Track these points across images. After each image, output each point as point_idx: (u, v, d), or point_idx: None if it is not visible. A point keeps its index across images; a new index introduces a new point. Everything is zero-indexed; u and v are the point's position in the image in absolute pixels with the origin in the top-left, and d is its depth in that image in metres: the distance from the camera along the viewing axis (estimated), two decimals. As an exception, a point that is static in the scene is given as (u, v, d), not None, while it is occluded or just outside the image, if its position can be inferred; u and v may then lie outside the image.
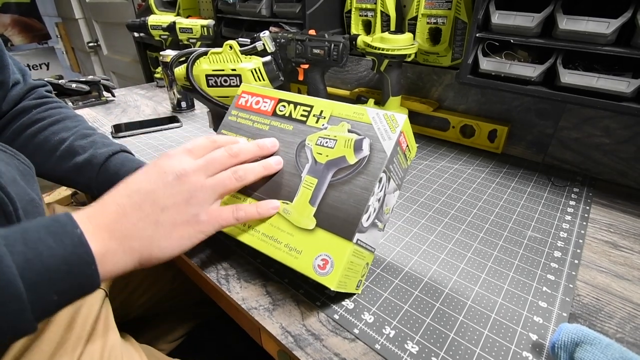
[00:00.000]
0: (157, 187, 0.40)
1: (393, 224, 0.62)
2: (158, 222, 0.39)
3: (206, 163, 0.43)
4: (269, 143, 0.49)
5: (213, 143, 0.46)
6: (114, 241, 0.37)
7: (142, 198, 0.39)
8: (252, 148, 0.48)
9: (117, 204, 0.39)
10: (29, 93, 0.69)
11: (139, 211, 0.39)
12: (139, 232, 0.38)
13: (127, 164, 0.62)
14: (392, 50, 0.83)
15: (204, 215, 0.42)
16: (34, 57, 3.09)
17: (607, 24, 0.57)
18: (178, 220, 0.41)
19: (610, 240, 0.60)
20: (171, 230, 0.40)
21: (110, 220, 0.38)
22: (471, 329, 0.44)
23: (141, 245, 0.39)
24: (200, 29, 1.26)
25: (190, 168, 0.42)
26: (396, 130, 0.43)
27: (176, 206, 0.40)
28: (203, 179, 0.43)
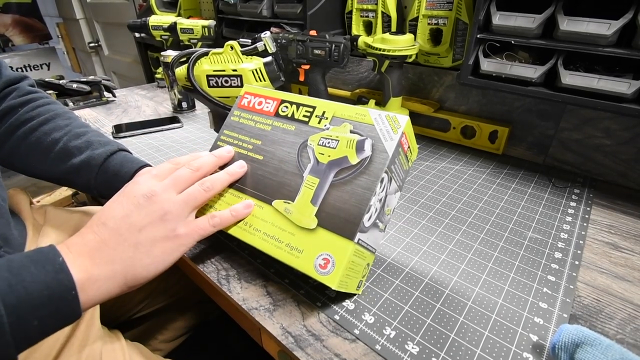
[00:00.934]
0: (130, 211, 0.42)
1: (394, 225, 0.63)
2: (138, 243, 0.41)
3: (173, 181, 0.46)
4: (225, 152, 0.52)
5: (176, 164, 0.49)
6: (96, 267, 0.38)
7: (118, 223, 0.41)
8: (211, 160, 0.50)
9: (95, 232, 0.40)
10: (10, 89, 0.66)
11: (116, 236, 0.40)
12: (119, 255, 0.40)
13: (126, 164, 0.62)
14: (393, 51, 0.83)
15: (181, 229, 0.44)
16: (34, 58, 3.10)
17: (608, 25, 0.57)
18: (157, 236, 0.42)
19: (610, 242, 0.60)
20: (151, 248, 0.41)
21: (91, 248, 0.39)
22: (472, 329, 0.44)
23: (124, 268, 0.40)
24: (201, 30, 1.26)
25: (158, 188, 0.44)
26: (398, 131, 0.43)
27: (152, 224, 0.42)
28: (173, 195, 0.45)
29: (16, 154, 0.63)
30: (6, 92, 0.66)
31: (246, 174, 0.51)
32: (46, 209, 0.67)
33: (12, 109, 0.64)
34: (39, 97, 0.68)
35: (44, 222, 0.64)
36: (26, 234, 0.60)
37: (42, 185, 2.19)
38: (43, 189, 1.40)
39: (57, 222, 0.65)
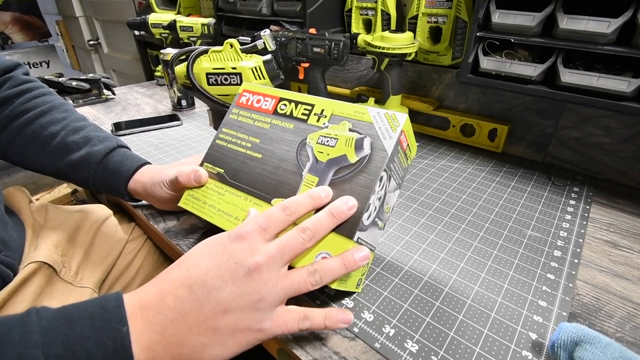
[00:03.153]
0: (225, 283, 0.34)
1: (393, 223, 0.63)
2: (217, 328, 0.34)
3: (280, 252, 0.37)
4: (344, 205, 0.41)
5: (289, 216, 0.40)
6: (162, 346, 0.32)
7: (205, 295, 0.34)
8: (326, 220, 0.40)
9: (177, 297, 0.34)
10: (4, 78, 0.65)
11: (198, 312, 0.33)
12: (192, 339, 0.33)
13: (126, 162, 0.62)
14: (392, 49, 0.83)
15: (267, 322, 0.36)
16: (34, 55, 3.09)
17: (608, 23, 0.57)
18: (240, 326, 0.35)
19: (610, 240, 0.60)
20: (228, 338, 0.35)
21: (166, 319, 0.33)
22: (471, 328, 0.44)
23: (192, 353, 0.33)
24: (201, 28, 1.26)
25: (264, 260, 0.36)
26: (397, 130, 0.43)
27: (241, 310, 0.34)
28: (276, 276, 0.37)
29: (11, 146, 0.62)
30: (0, 82, 0.65)
31: (245, 172, 0.51)
32: (46, 207, 0.67)
33: (7, 99, 0.63)
34: (34, 87, 0.67)
35: (44, 221, 0.64)
36: (25, 234, 0.60)
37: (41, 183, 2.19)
38: (42, 186, 1.40)
39: (57, 222, 0.65)
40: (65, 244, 0.62)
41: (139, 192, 0.61)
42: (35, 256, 0.56)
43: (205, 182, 0.54)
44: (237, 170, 0.52)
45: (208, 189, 0.53)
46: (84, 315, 0.31)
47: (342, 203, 0.41)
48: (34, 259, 0.55)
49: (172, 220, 0.64)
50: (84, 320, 0.31)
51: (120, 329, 0.31)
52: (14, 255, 0.54)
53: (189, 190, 0.54)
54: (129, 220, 0.79)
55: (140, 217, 0.67)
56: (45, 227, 0.63)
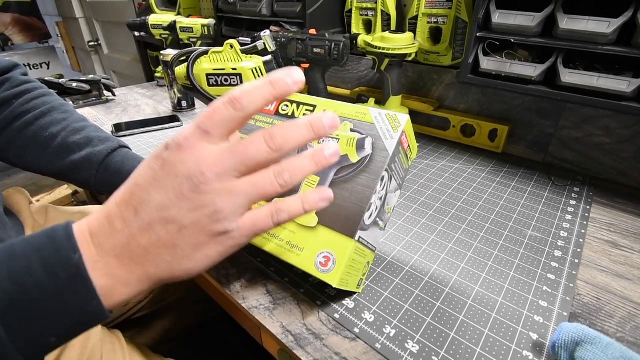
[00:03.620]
0: (170, 200, 0.30)
1: (394, 223, 0.63)
2: (175, 245, 0.31)
3: (235, 157, 0.30)
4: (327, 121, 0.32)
5: (239, 111, 0.31)
6: (124, 269, 0.31)
7: (152, 215, 0.31)
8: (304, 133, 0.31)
9: (124, 220, 0.31)
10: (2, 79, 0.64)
11: (149, 233, 0.31)
12: (153, 258, 0.31)
13: (128, 162, 0.62)
14: (392, 49, 0.83)
15: (234, 227, 0.32)
16: (34, 57, 3.09)
17: (608, 23, 0.57)
18: (201, 240, 0.32)
19: (610, 240, 0.60)
20: (193, 252, 0.32)
21: (117, 243, 0.31)
22: (472, 328, 0.44)
23: (158, 271, 0.32)
24: (201, 28, 1.26)
25: (210, 170, 0.30)
26: (398, 130, 0.43)
27: (197, 225, 0.31)
28: (231, 182, 0.31)
29: (11, 148, 0.62)
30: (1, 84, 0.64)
31: None
32: (47, 208, 0.67)
33: (6, 101, 0.63)
34: (34, 87, 0.67)
35: (45, 222, 0.64)
36: (24, 235, 0.60)
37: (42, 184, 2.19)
38: (43, 188, 1.40)
39: (57, 222, 0.65)
40: None
41: None
42: None
43: None
44: None
45: None
46: (29, 248, 0.30)
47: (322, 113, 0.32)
48: None
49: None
50: (29, 252, 0.29)
51: (71, 257, 0.29)
52: None
53: None
54: (130, 221, 0.79)
55: (140, 218, 0.67)
56: (45, 228, 0.63)
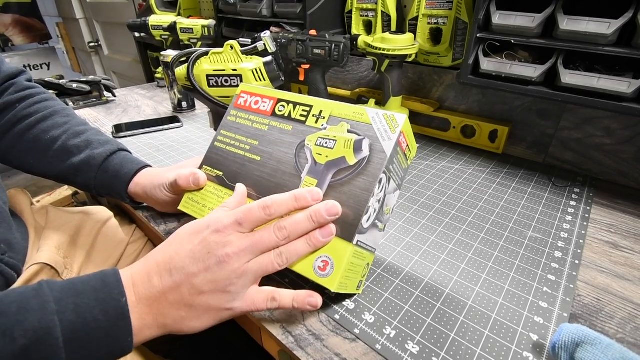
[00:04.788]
0: (199, 270, 0.39)
1: (393, 225, 0.62)
2: (192, 306, 0.40)
3: (252, 245, 0.41)
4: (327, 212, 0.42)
5: (268, 217, 0.42)
6: (151, 317, 0.39)
7: (183, 279, 0.39)
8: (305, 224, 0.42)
9: (161, 279, 0.40)
10: (7, 84, 0.66)
11: (177, 292, 0.39)
12: (173, 313, 0.40)
13: (126, 165, 0.62)
14: (393, 50, 0.83)
15: (238, 302, 0.41)
16: (34, 57, 3.10)
17: (608, 24, 0.57)
18: (213, 305, 0.40)
19: (610, 241, 0.59)
20: (203, 314, 0.41)
21: (152, 295, 0.39)
22: (472, 329, 0.44)
23: (173, 324, 0.40)
24: (201, 29, 1.26)
25: (234, 252, 0.40)
26: (396, 131, 0.43)
27: (213, 293, 0.40)
28: (245, 264, 0.41)
29: (13, 151, 0.63)
30: (4, 88, 0.65)
31: (244, 175, 0.51)
32: (47, 209, 0.67)
33: (10, 105, 0.64)
34: (37, 92, 0.67)
35: (45, 223, 0.64)
36: (28, 236, 0.61)
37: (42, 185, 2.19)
38: (43, 188, 1.40)
39: (58, 223, 0.65)
40: (67, 245, 0.62)
41: (139, 194, 0.61)
42: (38, 258, 0.56)
43: (204, 185, 0.54)
44: (236, 173, 0.51)
45: (207, 192, 0.53)
46: (88, 288, 0.37)
47: (324, 208, 0.42)
48: (37, 261, 0.55)
49: (173, 222, 0.64)
50: (89, 292, 0.36)
51: (120, 300, 0.37)
52: (18, 257, 0.54)
53: (188, 194, 0.54)
54: (130, 222, 0.79)
55: (141, 219, 0.67)
56: (46, 229, 0.63)
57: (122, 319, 0.37)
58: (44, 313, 0.34)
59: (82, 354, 0.35)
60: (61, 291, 0.36)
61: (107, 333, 0.36)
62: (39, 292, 0.35)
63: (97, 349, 0.35)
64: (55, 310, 0.34)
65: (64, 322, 0.34)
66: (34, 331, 0.33)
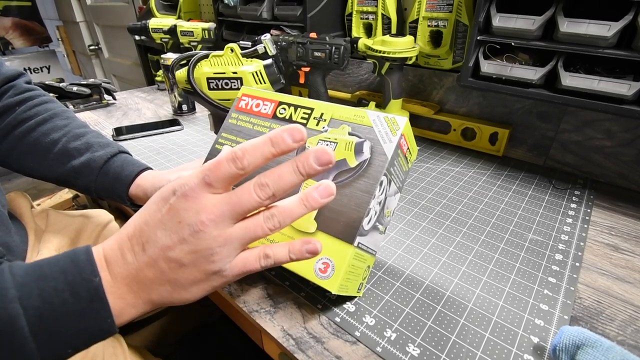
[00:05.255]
0: (173, 242, 0.35)
1: (394, 227, 0.62)
2: (176, 279, 0.36)
3: (230, 209, 0.34)
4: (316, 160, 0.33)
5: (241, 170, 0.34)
6: (132, 295, 0.36)
7: (158, 253, 0.35)
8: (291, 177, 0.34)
9: (135, 254, 0.36)
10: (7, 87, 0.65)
11: (154, 268, 0.35)
12: (156, 288, 0.36)
13: (127, 167, 0.62)
14: (393, 53, 0.83)
15: (227, 270, 0.37)
16: (35, 60, 3.10)
17: (608, 26, 0.57)
18: (198, 277, 0.36)
19: (611, 243, 0.59)
20: (191, 286, 0.37)
21: (128, 273, 0.35)
22: (472, 331, 0.43)
23: (160, 298, 0.37)
24: (202, 32, 1.27)
25: (209, 219, 0.34)
26: (397, 133, 0.43)
27: (195, 264, 0.35)
28: (227, 229, 0.35)
29: (13, 153, 0.62)
30: (3, 90, 0.65)
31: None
32: (48, 212, 0.67)
33: (9, 107, 0.64)
34: (36, 95, 0.67)
35: (46, 226, 0.64)
36: (27, 239, 0.60)
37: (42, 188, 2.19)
38: (43, 191, 1.40)
39: (58, 226, 0.65)
40: (67, 248, 0.62)
41: (140, 197, 0.61)
42: None
43: None
44: None
45: None
46: (56, 270, 0.33)
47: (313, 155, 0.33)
48: None
49: (173, 224, 0.64)
50: (56, 274, 0.33)
51: (92, 280, 0.33)
52: (17, 259, 0.54)
53: None
54: (130, 224, 0.79)
55: (141, 222, 0.67)
56: (47, 232, 0.63)
57: (97, 300, 0.33)
58: (3, 301, 0.31)
59: (55, 341, 0.32)
60: (24, 275, 0.33)
61: (80, 316, 0.33)
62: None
63: (72, 334, 0.33)
64: (16, 297, 0.31)
65: (29, 309, 0.31)
66: None
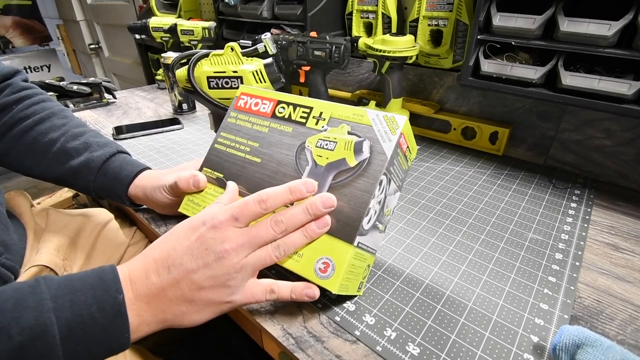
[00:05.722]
0: (198, 266, 0.40)
1: (394, 226, 0.62)
2: (193, 300, 0.40)
3: (250, 240, 0.41)
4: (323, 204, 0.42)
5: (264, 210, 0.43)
6: (150, 313, 0.39)
7: (181, 275, 0.40)
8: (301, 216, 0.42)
9: (159, 275, 0.40)
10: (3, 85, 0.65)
11: (176, 288, 0.39)
12: (173, 308, 0.40)
13: (126, 167, 0.62)
14: (393, 52, 0.83)
15: (238, 295, 0.42)
16: (35, 59, 3.10)
17: (609, 26, 0.57)
18: (213, 299, 0.41)
19: (611, 242, 0.59)
20: (203, 308, 0.41)
21: (150, 292, 0.39)
22: (472, 331, 0.43)
23: (173, 318, 0.40)
24: (202, 31, 1.27)
25: (232, 248, 0.40)
26: (396, 132, 0.43)
27: (213, 288, 0.40)
28: (243, 258, 0.41)
29: (11, 153, 0.62)
30: (0, 89, 0.65)
31: (245, 177, 0.51)
32: (48, 211, 0.67)
33: (6, 106, 0.63)
34: (33, 93, 0.67)
35: (46, 225, 0.64)
36: (26, 238, 0.60)
37: (42, 187, 2.18)
38: (43, 190, 1.40)
39: (58, 225, 0.65)
40: (67, 247, 0.62)
41: (139, 197, 0.61)
42: (37, 260, 0.56)
43: (204, 187, 0.53)
44: (237, 175, 0.51)
45: (207, 194, 0.53)
46: (85, 285, 0.37)
47: (319, 200, 0.42)
48: (36, 263, 0.55)
49: (174, 224, 0.64)
50: (86, 289, 0.36)
51: (117, 297, 0.37)
52: (15, 258, 0.54)
53: (188, 196, 0.54)
54: (130, 224, 0.79)
55: (141, 221, 0.67)
56: (46, 231, 0.63)
57: (119, 316, 0.37)
58: (40, 310, 0.34)
59: (79, 351, 0.35)
60: (58, 288, 0.36)
61: (103, 330, 0.36)
62: (35, 289, 0.35)
63: (94, 345, 0.36)
64: (51, 308, 0.34)
65: (61, 319, 0.34)
66: (31, 328, 0.33)
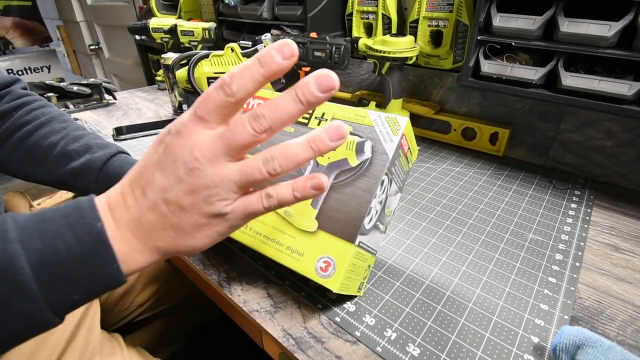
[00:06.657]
0: (170, 183, 0.33)
1: (394, 227, 0.62)
2: (179, 224, 0.34)
3: (224, 144, 0.32)
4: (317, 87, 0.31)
5: (230, 97, 0.32)
6: (137, 241, 0.34)
7: (157, 196, 0.34)
8: (290, 105, 0.32)
9: (136, 198, 0.34)
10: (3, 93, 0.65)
11: (155, 211, 0.34)
12: (160, 234, 0.35)
13: (127, 167, 0.62)
14: (393, 53, 0.83)
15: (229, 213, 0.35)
16: (35, 60, 3.10)
17: (609, 26, 0.57)
18: (200, 222, 0.35)
19: (611, 243, 0.59)
20: (195, 232, 0.35)
21: (131, 218, 0.34)
22: (472, 331, 0.43)
23: (165, 245, 0.35)
24: (202, 32, 1.27)
25: (202, 155, 0.32)
26: (398, 133, 0.43)
27: (194, 207, 0.34)
28: (222, 167, 0.33)
29: (11, 158, 0.62)
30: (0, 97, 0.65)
31: None
32: None
33: (6, 113, 0.64)
34: (33, 100, 0.67)
35: None
36: None
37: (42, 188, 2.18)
38: (43, 191, 1.40)
39: None
40: None
41: None
42: None
43: None
44: None
45: None
46: (58, 215, 0.33)
47: (313, 79, 0.31)
48: None
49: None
50: (58, 218, 0.32)
51: (94, 224, 0.32)
52: None
53: None
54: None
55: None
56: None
57: (101, 245, 0.32)
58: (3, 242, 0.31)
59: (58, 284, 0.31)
60: (27, 220, 0.32)
61: (84, 260, 0.32)
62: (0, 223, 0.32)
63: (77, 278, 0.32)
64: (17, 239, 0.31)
65: (30, 250, 0.31)
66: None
